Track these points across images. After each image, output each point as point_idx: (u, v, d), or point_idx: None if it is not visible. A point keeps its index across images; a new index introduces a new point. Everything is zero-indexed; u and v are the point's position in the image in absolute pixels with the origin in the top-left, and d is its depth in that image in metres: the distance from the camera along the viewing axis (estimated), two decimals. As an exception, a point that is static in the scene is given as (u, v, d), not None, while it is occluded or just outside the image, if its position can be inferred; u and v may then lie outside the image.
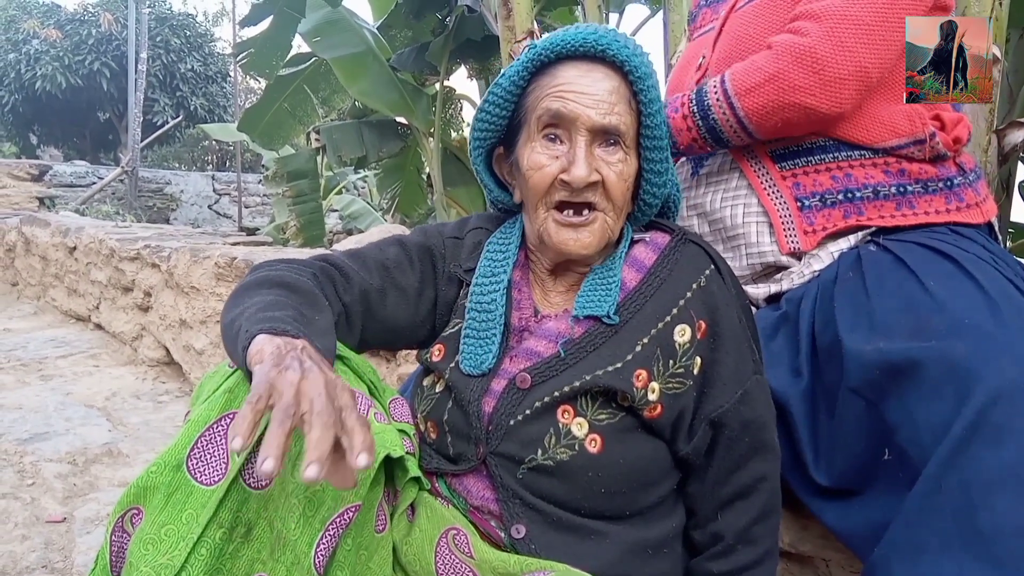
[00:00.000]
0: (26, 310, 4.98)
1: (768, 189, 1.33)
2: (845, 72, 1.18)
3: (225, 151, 19.21)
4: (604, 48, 1.00)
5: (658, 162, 1.06)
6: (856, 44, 1.17)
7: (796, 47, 1.19)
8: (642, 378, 1.00)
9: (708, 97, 1.29)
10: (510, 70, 1.05)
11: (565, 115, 1.00)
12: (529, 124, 1.05)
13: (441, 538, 1.03)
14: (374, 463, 0.94)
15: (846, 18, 1.18)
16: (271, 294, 0.97)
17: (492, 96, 1.07)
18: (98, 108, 16.79)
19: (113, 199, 11.06)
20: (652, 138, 1.04)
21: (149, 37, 15.46)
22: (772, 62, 1.21)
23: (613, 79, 1.02)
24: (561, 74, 1.02)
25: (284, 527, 0.90)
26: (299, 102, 5.72)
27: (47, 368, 3.46)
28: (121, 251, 3.78)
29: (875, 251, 1.21)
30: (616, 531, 1.02)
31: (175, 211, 11.94)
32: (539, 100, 1.03)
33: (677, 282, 1.06)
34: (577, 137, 1.01)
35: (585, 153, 1.01)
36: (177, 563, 0.83)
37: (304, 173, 4.97)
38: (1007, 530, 0.88)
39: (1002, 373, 0.93)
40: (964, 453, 0.92)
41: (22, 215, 5.94)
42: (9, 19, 17.00)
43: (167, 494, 0.86)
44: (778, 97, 1.21)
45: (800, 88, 1.19)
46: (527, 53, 1.04)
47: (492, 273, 1.13)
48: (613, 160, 1.02)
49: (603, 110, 1.00)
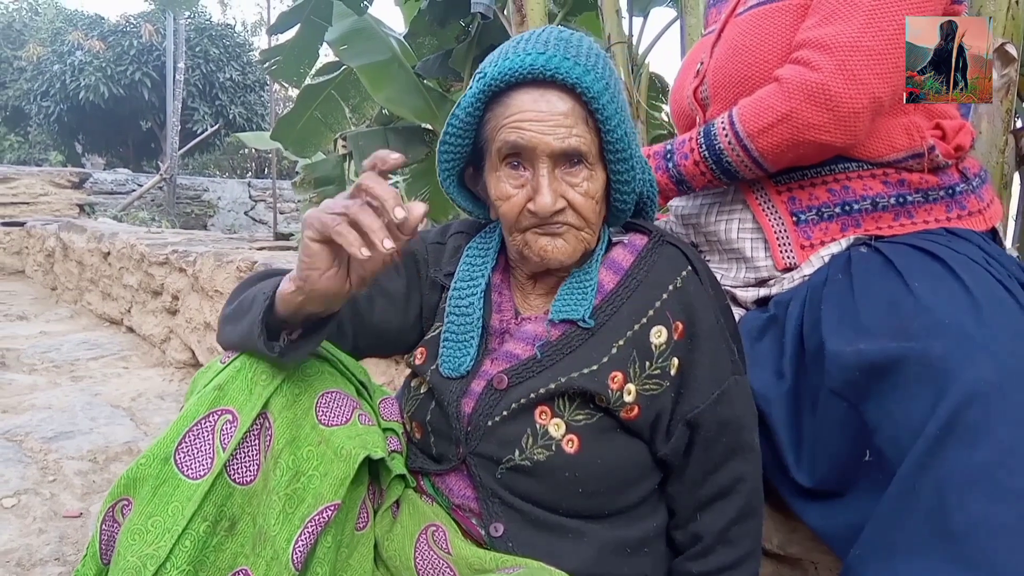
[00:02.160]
0: (63, 313, 5.12)
1: (763, 205, 1.32)
2: (860, 106, 1.15)
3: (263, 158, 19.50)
4: (553, 72, 0.97)
5: (624, 172, 1.05)
6: (869, 75, 1.14)
7: (808, 84, 1.16)
8: (617, 380, 1.01)
9: (719, 141, 1.28)
10: (464, 100, 1.03)
11: (524, 145, 0.99)
12: (491, 154, 1.04)
13: (421, 534, 1.05)
14: (353, 463, 0.97)
15: (857, 49, 1.14)
16: (272, 282, 0.98)
17: (450, 128, 1.06)
18: (140, 117, 17.16)
19: (152, 206, 11.31)
20: (615, 152, 1.02)
21: (189, 47, 15.81)
22: (784, 101, 1.18)
23: (567, 100, 0.99)
24: (514, 103, 0.99)
25: (265, 523, 0.93)
26: (330, 110, 5.79)
27: (78, 370, 3.56)
28: (151, 256, 3.88)
29: (865, 252, 1.20)
30: (594, 530, 1.03)
31: (212, 217, 12.17)
32: (496, 131, 1.01)
33: (653, 284, 1.07)
34: (539, 165, 0.99)
35: (548, 180, 0.99)
36: (162, 554, 0.86)
37: (331, 179, 5.04)
38: (980, 532, 0.87)
39: (978, 373, 0.92)
40: (938, 454, 0.91)
41: (61, 221, 6.11)
42: (55, 31, 17.50)
43: (155, 486, 0.90)
44: (793, 136, 1.19)
45: (815, 126, 1.17)
46: (477, 83, 1.02)
47: (471, 277, 1.14)
48: (578, 181, 1.01)
49: (561, 135, 0.98)
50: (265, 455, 0.96)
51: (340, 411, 1.00)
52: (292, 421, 0.97)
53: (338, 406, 1.01)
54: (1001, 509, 0.87)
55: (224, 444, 0.92)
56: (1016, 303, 1.05)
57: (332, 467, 0.96)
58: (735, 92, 1.32)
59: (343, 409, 1.01)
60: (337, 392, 1.02)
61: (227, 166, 21.05)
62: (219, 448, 0.92)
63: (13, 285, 6.32)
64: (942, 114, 1.28)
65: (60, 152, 19.23)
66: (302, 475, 0.94)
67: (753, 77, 1.28)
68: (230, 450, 0.92)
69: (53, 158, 19.51)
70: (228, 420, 0.94)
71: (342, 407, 1.01)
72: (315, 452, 0.96)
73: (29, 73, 16.74)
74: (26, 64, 17.03)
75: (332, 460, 0.96)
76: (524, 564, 0.97)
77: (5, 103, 18.14)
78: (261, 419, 0.96)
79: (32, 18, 20.08)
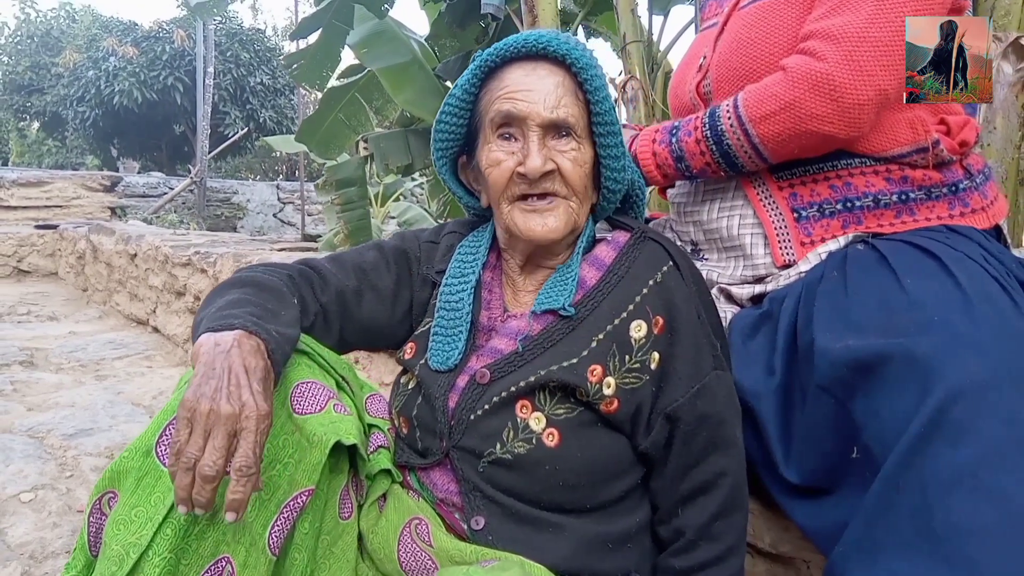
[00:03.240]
0: (92, 314, 5.23)
1: (764, 201, 1.31)
2: (865, 98, 1.13)
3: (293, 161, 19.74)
4: (544, 46, 1.05)
5: (613, 147, 1.09)
6: (876, 67, 1.12)
7: (813, 74, 1.14)
8: (597, 373, 1.02)
9: (721, 122, 1.26)
10: (461, 79, 1.10)
11: (515, 114, 1.05)
12: (484, 127, 1.09)
13: (405, 527, 1.06)
14: (325, 448, 0.99)
15: (865, 40, 1.12)
16: (239, 293, 1.03)
17: (447, 107, 1.12)
18: (173, 121, 17.48)
19: (183, 208, 11.51)
20: (603, 124, 1.07)
21: (220, 52, 16.05)
22: (788, 89, 1.17)
23: (557, 74, 1.06)
24: (508, 76, 1.07)
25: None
26: (353, 112, 5.85)
27: (104, 369, 3.63)
28: (174, 257, 3.95)
29: (862, 250, 1.18)
30: (574, 524, 1.04)
31: (242, 220, 12.34)
32: (491, 104, 1.08)
33: (634, 279, 1.08)
34: (529, 133, 1.05)
35: (538, 146, 1.05)
36: (144, 542, 0.88)
37: (352, 181, 5.07)
38: (962, 531, 0.86)
39: (965, 371, 0.91)
40: (922, 452, 0.90)
41: (91, 224, 6.24)
42: (91, 38, 17.88)
43: (138, 478, 0.92)
44: (795, 125, 1.17)
45: (818, 117, 1.15)
46: (475, 61, 1.09)
47: (461, 274, 1.17)
48: (566, 149, 1.06)
49: (550, 104, 1.04)
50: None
51: (315, 400, 1.02)
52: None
53: (313, 396, 1.03)
54: (983, 509, 0.86)
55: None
56: (1011, 301, 1.03)
57: (305, 454, 0.98)
58: (740, 85, 1.31)
59: (318, 398, 1.03)
60: (312, 382, 1.04)
61: (259, 169, 21.34)
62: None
63: (47, 286, 6.47)
64: (947, 109, 1.26)
65: (96, 156, 19.66)
66: (277, 463, 0.96)
67: (759, 70, 1.27)
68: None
69: (89, 162, 19.96)
70: None
71: (317, 396, 1.03)
72: (290, 440, 0.98)
73: (66, 79, 17.14)
74: (63, 70, 17.43)
75: (305, 447, 0.98)
76: (503, 557, 0.98)
77: (43, 108, 18.59)
78: None
79: (69, 25, 20.55)
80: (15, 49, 19.94)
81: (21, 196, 7.24)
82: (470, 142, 1.15)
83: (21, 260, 6.63)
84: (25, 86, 19.03)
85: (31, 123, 21.49)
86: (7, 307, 5.23)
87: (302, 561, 0.99)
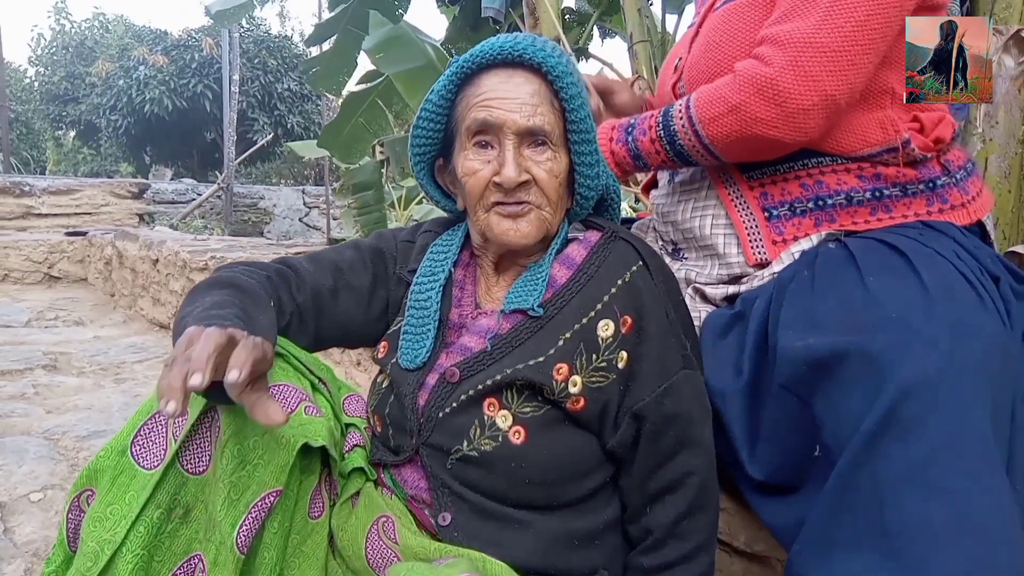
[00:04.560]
0: (117, 319, 5.33)
1: (735, 201, 1.31)
2: (809, 103, 1.12)
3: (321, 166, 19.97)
4: (521, 53, 1.04)
5: (587, 155, 1.09)
6: (821, 72, 1.11)
7: (758, 78, 1.14)
8: (563, 372, 1.03)
9: (674, 122, 1.27)
10: (437, 85, 1.10)
11: (491, 123, 1.05)
12: (461, 134, 1.10)
13: (373, 525, 1.08)
14: (292, 450, 1.00)
15: (811, 45, 1.11)
16: (220, 294, 1.04)
17: (424, 112, 1.12)
18: (204, 128, 17.74)
19: (211, 214, 11.69)
20: (578, 132, 1.08)
21: (248, 59, 16.28)
22: (735, 92, 1.17)
23: (533, 82, 1.06)
24: (484, 83, 1.07)
25: (213, 509, 0.97)
26: (373, 116, 5.90)
27: (123, 372, 3.70)
28: (192, 262, 4.02)
29: (833, 248, 1.18)
30: (541, 521, 1.05)
31: (268, 224, 12.49)
32: (467, 111, 1.08)
33: (603, 278, 1.08)
34: (505, 141, 1.05)
35: (514, 155, 1.05)
36: (118, 539, 0.90)
37: (369, 185, 5.13)
38: (913, 529, 0.86)
39: (918, 367, 0.91)
40: (875, 449, 0.91)
41: (117, 231, 6.36)
42: (123, 47, 18.24)
43: (113, 476, 0.94)
44: (740, 129, 1.17)
45: (762, 121, 1.15)
46: (451, 67, 1.09)
47: (432, 272, 1.19)
48: (542, 159, 1.07)
49: (526, 113, 1.04)
50: (215, 445, 1.00)
51: (285, 402, 1.03)
52: (238, 413, 1.01)
53: (284, 398, 1.04)
54: (934, 507, 0.86)
55: (176, 435, 0.95)
56: (976, 297, 1.03)
57: (274, 455, 0.99)
58: None
59: (289, 401, 1.04)
60: (285, 385, 1.06)
61: (288, 174, 21.58)
62: (172, 439, 0.96)
63: (76, 292, 6.61)
64: (921, 107, 1.25)
65: (130, 163, 20.04)
66: (247, 463, 0.97)
67: (723, 73, 1.27)
68: (180, 440, 0.95)
69: (123, 169, 20.36)
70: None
71: (288, 399, 1.04)
72: (260, 442, 0.99)
73: (99, 88, 17.50)
74: (96, 80, 17.80)
75: (274, 448, 0.99)
76: (463, 554, 1.00)
77: (79, 117, 19.02)
78: (211, 412, 1.00)
79: (103, 35, 20.98)
80: (51, 60, 20.44)
81: (51, 204, 7.42)
82: (447, 146, 1.16)
83: (52, 266, 6.78)
84: (60, 96, 19.49)
85: (67, 132, 21.99)
86: (36, 312, 5.36)
87: (271, 559, 1.01)
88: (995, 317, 1.02)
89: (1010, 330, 1.04)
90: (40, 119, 21.56)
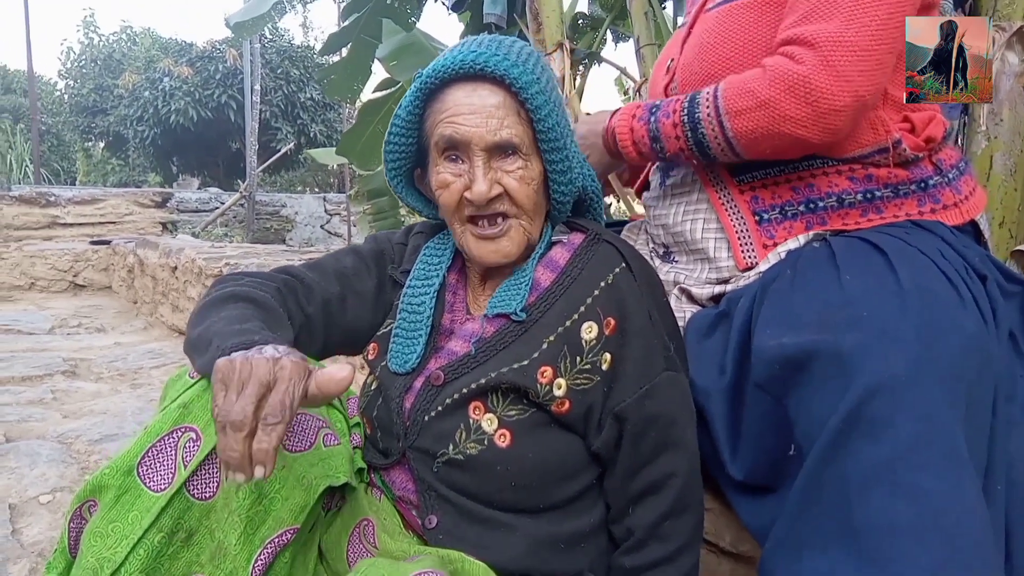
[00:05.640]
0: (138, 325, 5.41)
1: (726, 205, 1.30)
2: (841, 103, 1.09)
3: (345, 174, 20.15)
4: (483, 66, 1.02)
5: (559, 161, 1.09)
6: (853, 72, 1.09)
7: (790, 75, 1.11)
8: (547, 374, 1.03)
9: (700, 110, 1.22)
10: (404, 100, 1.09)
11: (458, 140, 1.04)
12: (431, 149, 1.09)
13: (355, 529, 1.08)
14: (314, 493, 0.99)
15: (841, 44, 1.09)
16: (238, 308, 1.02)
17: (394, 128, 1.11)
18: (228, 138, 17.96)
19: (234, 222, 11.84)
20: (548, 141, 1.07)
21: (271, 69, 16.46)
22: (765, 87, 1.14)
23: (498, 94, 1.04)
24: (449, 98, 1.05)
25: (226, 539, 0.95)
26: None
27: (140, 377, 3.75)
28: (207, 269, 4.07)
29: (817, 247, 1.17)
30: (526, 524, 1.05)
31: (290, 232, 12.61)
32: (434, 127, 1.07)
33: (586, 281, 1.09)
34: (474, 157, 1.05)
35: (483, 170, 1.05)
36: (118, 559, 0.89)
37: (383, 191, 5.15)
38: (880, 528, 0.86)
39: (886, 366, 0.91)
40: (843, 447, 0.91)
41: (138, 239, 6.47)
42: (150, 59, 18.55)
43: (117, 495, 0.91)
44: (769, 125, 1.15)
45: (792, 119, 1.12)
46: (415, 83, 1.08)
47: (425, 276, 1.19)
48: (512, 168, 1.06)
49: (492, 127, 1.03)
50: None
51: (304, 435, 1.02)
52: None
53: (302, 429, 1.02)
54: (900, 506, 0.86)
55: (186, 461, 0.93)
56: (956, 296, 1.01)
57: (293, 493, 0.98)
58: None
59: (307, 432, 1.02)
60: (302, 415, 1.04)
61: (311, 182, 21.77)
62: (180, 465, 0.93)
63: (100, 300, 6.72)
64: (912, 107, 1.24)
65: (157, 173, 20.34)
66: (264, 497, 0.96)
67: (719, 75, 1.25)
68: (191, 468, 0.93)
69: (151, 179, 20.66)
70: (191, 438, 0.94)
71: (306, 430, 1.02)
72: (278, 476, 0.97)
73: (126, 100, 17.79)
74: (123, 92, 18.12)
75: (294, 487, 0.98)
76: (434, 552, 1.00)
77: (107, 129, 19.37)
78: None
79: (130, 47, 21.35)
80: (80, 72, 20.83)
81: (76, 213, 7.55)
82: (422, 156, 1.15)
83: (77, 275, 6.89)
84: (89, 107, 19.87)
85: (96, 143, 22.40)
86: (60, 320, 5.45)
87: None
88: (975, 316, 1.00)
89: (994, 329, 1.03)
90: (70, 131, 21.97)
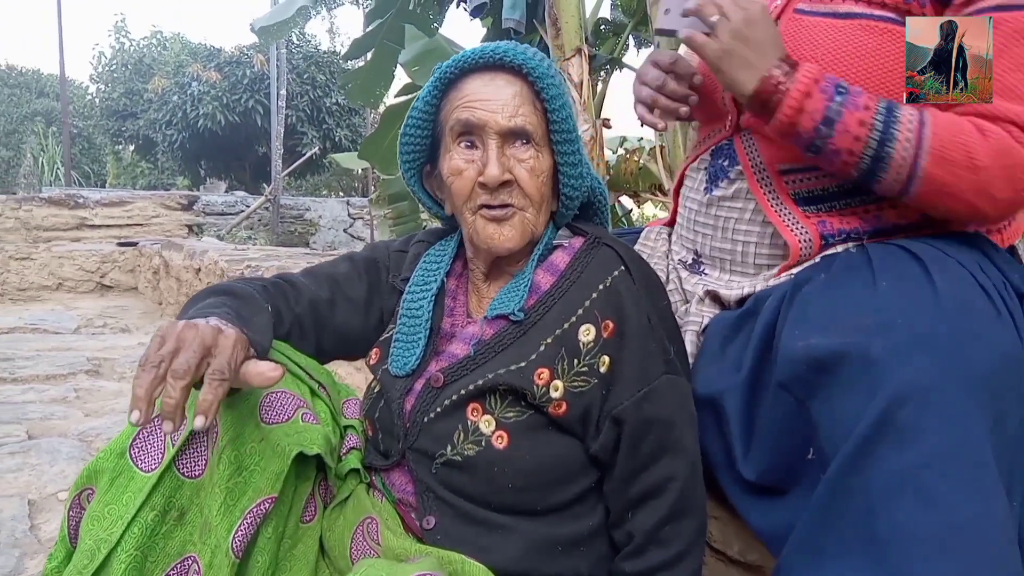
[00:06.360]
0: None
1: (792, 226, 1.24)
2: None
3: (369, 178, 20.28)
4: (502, 56, 1.07)
5: (570, 154, 1.11)
6: None
7: (1015, 156, 1.04)
8: (544, 376, 1.04)
9: (898, 127, 1.08)
10: (422, 92, 1.13)
11: (474, 123, 1.07)
12: (446, 136, 1.12)
13: (359, 527, 1.10)
14: (287, 459, 1.01)
15: None
16: (215, 300, 1.06)
17: (411, 119, 1.15)
18: (255, 142, 18.13)
19: (259, 226, 11.95)
20: (560, 132, 1.10)
21: (297, 74, 16.62)
22: (985, 155, 1.05)
23: (515, 83, 1.08)
24: (467, 87, 1.09)
25: (209, 513, 0.98)
26: (413, 128, 6.01)
27: (161, 377, 3.80)
28: (229, 271, 4.13)
29: (854, 251, 1.15)
30: (524, 526, 1.05)
31: (314, 235, 12.70)
32: (451, 113, 1.10)
33: (585, 283, 1.09)
34: (488, 141, 1.07)
35: (497, 154, 1.07)
36: (113, 539, 0.93)
37: (404, 195, 5.19)
38: (904, 538, 0.84)
39: (917, 372, 0.88)
40: (869, 454, 0.88)
41: (163, 241, 6.56)
42: (179, 64, 18.82)
43: (112, 478, 0.96)
44: (966, 189, 1.06)
45: (991, 196, 1.06)
46: (435, 73, 1.12)
47: (424, 281, 1.20)
48: (524, 157, 1.09)
49: (508, 113, 1.07)
50: (212, 450, 1.03)
51: (283, 410, 1.05)
52: (236, 419, 1.03)
53: (281, 405, 1.05)
54: (926, 516, 0.83)
55: (174, 441, 0.98)
56: (993, 310, 0.98)
57: (270, 463, 1.00)
58: None
59: (286, 408, 1.06)
60: (282, 392, 1.07)
61: (336, 186, 21.94)
62: (169, 444, 0.98)
63: (126, 300, 6.82)
64: None
65: (185, 177, 20.61)
66: (244, 470, 0.99)
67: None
68: (179, 446, 0.97)
69: (180, 182, 20.94)
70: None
71: (285, 406, 1.06)
72: (256, 448, 1.00)
73: (155, 104, 18.05)
74: (153, 96, 18.39)
75: (270, 456, 1.01)
76: (435, 553, 1.01)
77: (137, 132, 19.64)
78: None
79: (160, 52, 21.66)
80: (111, 76, 21.15)
81: (104, 215, 7.69)
82: (433, 152, 1.18)
83: (104, 276, 7.01)
84: (120, 111, 20.15)
85: (126, 146, 22.73)
86: (86, 320, 5.55)
87: (264, 563, 1.02)
88: (1012, 331, 0.97)
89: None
90: (100, 134, 22.32)
